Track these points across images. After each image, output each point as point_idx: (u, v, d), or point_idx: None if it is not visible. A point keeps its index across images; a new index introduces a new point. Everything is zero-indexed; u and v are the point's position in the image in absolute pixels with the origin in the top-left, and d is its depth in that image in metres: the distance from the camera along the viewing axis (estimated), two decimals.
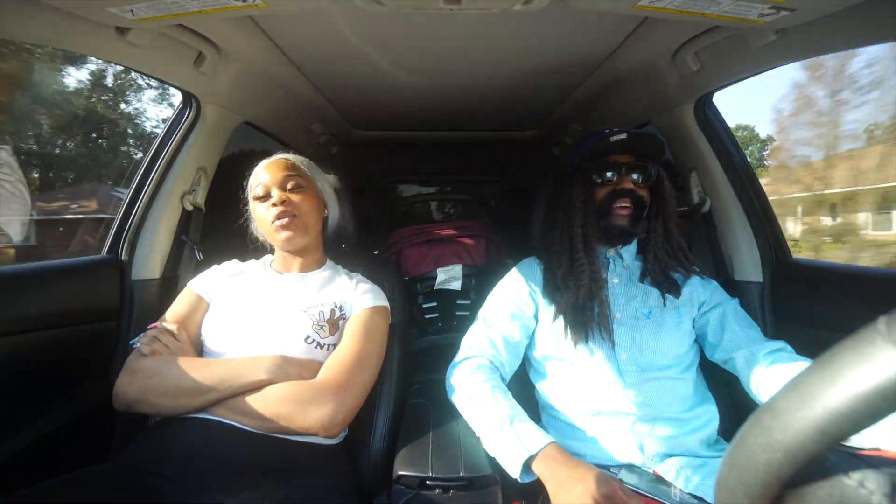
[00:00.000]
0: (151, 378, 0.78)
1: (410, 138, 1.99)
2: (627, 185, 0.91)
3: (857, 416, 0.26)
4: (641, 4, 0.74)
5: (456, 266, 1.60)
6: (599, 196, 0.93)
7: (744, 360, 0.86)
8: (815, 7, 0.71)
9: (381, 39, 1.03)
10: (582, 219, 0.93)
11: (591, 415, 0.87)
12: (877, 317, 0.27)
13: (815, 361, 0.29)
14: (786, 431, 0.29)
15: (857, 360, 0.26)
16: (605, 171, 0.92)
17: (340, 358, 0.84)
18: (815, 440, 0.27)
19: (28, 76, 11.33)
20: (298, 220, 0.92)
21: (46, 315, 0.92)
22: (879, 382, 0.25)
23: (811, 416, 0.28)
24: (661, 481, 0.78)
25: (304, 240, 0.95)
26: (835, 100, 11.44)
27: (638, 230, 0.93)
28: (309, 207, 0.95)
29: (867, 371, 0.26)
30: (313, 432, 0.75)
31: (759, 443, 0.31)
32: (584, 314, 0.88)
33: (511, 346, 0.95)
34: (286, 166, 0.96)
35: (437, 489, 0.76)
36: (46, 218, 10.57)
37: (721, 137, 1.15)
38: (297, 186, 0.94)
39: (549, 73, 1.24)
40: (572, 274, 0.92)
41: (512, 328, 0.95)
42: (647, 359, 0.88)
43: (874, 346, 0.26)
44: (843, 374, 0.27)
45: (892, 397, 0.25)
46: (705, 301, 0.94)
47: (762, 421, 0.31)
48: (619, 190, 0.91)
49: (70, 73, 14.15)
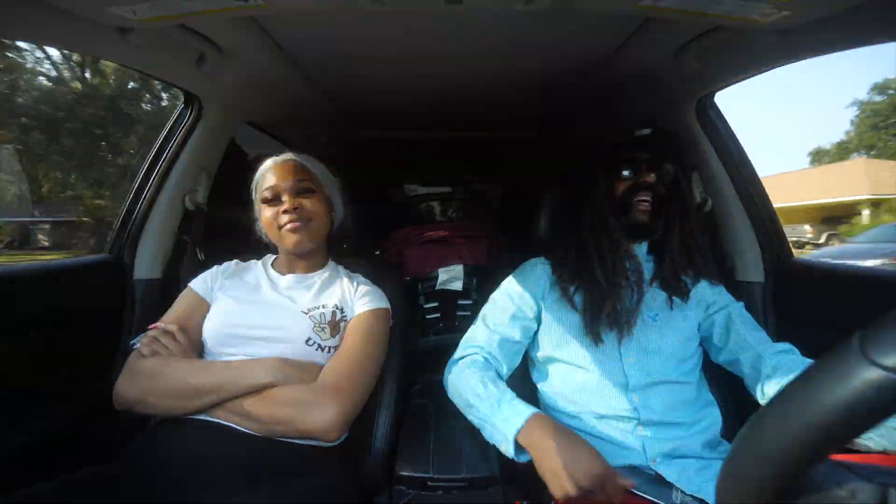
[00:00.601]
0: (152, 379, 0.77)
1: (412, 138, 1.99)
2: (649, 178, 0.91)
3: (835, 434, 0.27)
4: (643, 4, 0.73)
5: (457, 266, 1.61)
6: (620, 190, 0.92)
7: (749, 363, 0.86)
8: (817, 7, 0.70)
9: (383, 39, 1.03)
10: (605, 213, 0.92)
11: (595, 417, 0.86)
12: (875, 319, 0.27)
13: (795, 378, 0.30)
14: (772, 447, 0.29)
15: (832, 378, 0.27)
16: (627, 166, 0.92)
17: (341, 361, 0.84)
18: (798, 456, 0.28)
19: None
20: (309, 226, 0.92)
21: (48, 314, 0.92)
22: (852, 400, 0.26)
23: (793, 434, 0.28)
24: (662, 483, 0.78)
25: (312, 242, 0.95)
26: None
27: (658, 226, 0.91)
28: (320, 212, 0.94)
29: (841, 389, 0.26)
30: (314, 436, 0.75)
31: (750, 455, 0.31)
32: (602, 313, 0.87)
33: (509, 347, 0.94)
34: (296, 169, 0.94)
35: (438, 490, 0.76)
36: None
37: (722, 137, 1.14)
38: (307, 190, 0.93)
39: (551, 73, 1.24)
40: (602, 269, 0.89)
41: (512, 329, 0.95)
42: (653, 362, 0.87)
43: (848, 364, 0.26)
44: (819, 391, 0.27)
45: (865, 415, 0.25)
46: (712, 303, 0.93)
47: (752, 434, 0.32)
48: (641, 183, 0.90)
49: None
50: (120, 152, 14.66)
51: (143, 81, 14.02)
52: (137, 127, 14.38)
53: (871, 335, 0.26)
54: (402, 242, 1.68)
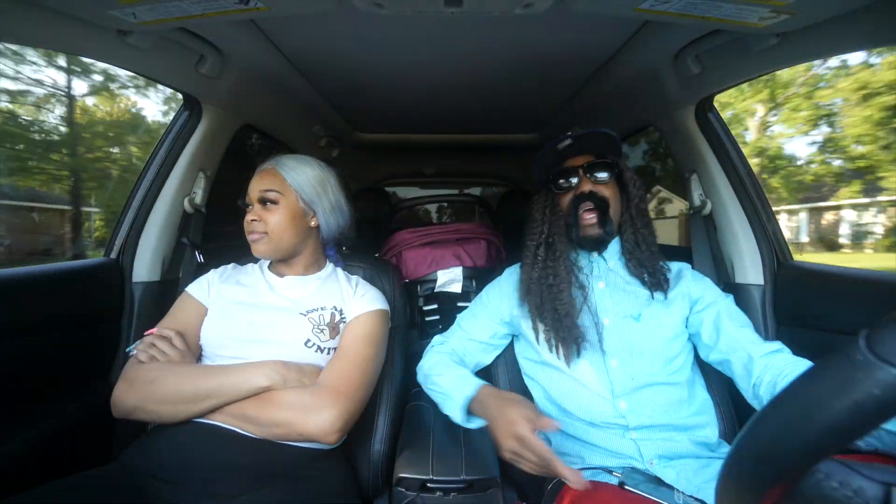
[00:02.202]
0: (149, 385, 0.77)
1: (412, 141, 2.00)
2: (587, 187, 0.91)
3: (840, 433, 0.27)
4: (642, 8, 0.74)
5: (456, 268, 1.60)
6: (564, 204, 0.94)
7: (741, 363, 0.83)
8: (816, 11, 0.71)
9: (382, 42, 1.03)
10: (546, 228, 0.95)
11: (587, 423, 0.86)
12: (876, 319, 0.27)
13: (799, 377, 0.30)
14: (775, 446, 0.29)
15: (837, 377, 0.27)
16: (564, 176, 0.94)
17: (341, 363, 0.84)
18: (802, 455, 0.28)
19: None
20: (267, 238, 0.91)
21: (48, 317, 0.92)
22: (858, 399, 0.26)
23: (797, 432, 0.28)
24: (662, 484, 0.78)
25: (276, 253, 0.94)
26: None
27: (610, 232, 0.91)
28: (279, 224, 0.92)
29: (847, 388, 0.26)
30: (313, 439, 0.75)
31: (751, 455, 0.31)
32: (567, 324, 0.87)
33: (476, 346, 1.02)
34: (265, 179, 0.93)
35: (437, 492, 0.76)
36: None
37: (722, 140, 1.15)
38: (269, 201, 0.92)
39: (550, 76, 1.24)
40: (546, 283, 0.92)
41: (481, 332, 1.02)
42: (639, 364, 0.85)
43: (853, 363, 0.26)
44: (824, 391, 0.27)
45: (872, 413, 0.25)
46: (699, 299, 0.91)
47: (753, 434, 0.32)
48: (580, 194, 0.92)
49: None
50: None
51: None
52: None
53: (877, 333, 0.26)
54: (401, 244, 1.68)
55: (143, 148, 8.17)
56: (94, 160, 7.50)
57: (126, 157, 7.91)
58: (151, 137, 7.91)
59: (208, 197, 1.24)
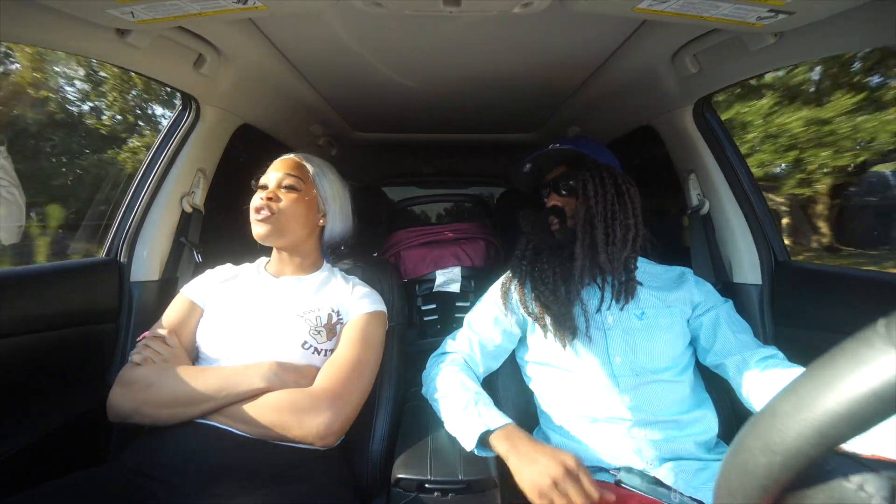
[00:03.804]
0: (146, 389, 0.76)
1: (410, 140, 1.99)
2: (552, 201, 0.99)
3: (856, 419, 0.26)
4: (641, 7, 0.74)
5: (455, 268, 1.60)
6: (542, 214, 0.99)
7: (735, 367, 0.86)
8: (814, 10, 0.71)
9: (381, 41, 1.03)
10: (532, 234, 0.98)
11: (588, 421, 0.86)
12: (875, 320, 0.27)
13: (815, 363, 0.29)
14: (784, 434, 0.28)
15: (857, 363, 0.26)
16: (541, 190, 1.03)
17: (337, 365, 0.83)
18: (814, 443, 0.27)
19: None
20: (275, 219, 0.90)
21: (45, 317, 0.91)
22: (878, 385, 0.25)
23: (810, 419, 0.27)
24: (660, 484, 0.78)
25: (279, 240, 0.93)
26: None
27: (564, 238, 0.94)
28: (292, 211, 0.92)
29: (866, 373, 0.25)
30: (309, 441, 0.75)
31: (757, 446, 0.30)
32: (565, 319, 0.88)
33: (489, 350, 0.98)
34: (291, 165, 0.96)
35: (435, 492, 0.76)
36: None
37: (720, 139, 1.15)
38: (289, 187, 0.93)
39: (548, 75, 1.24)
40: (542, 282, 0.93)
41: (493, 332, 0.98)
42: (642, 361, 0.87)
43: (873, 348, 0.26)
44: (842, 377, 0.27)
45: (891, 400, 0.25)
46: (700, 303, 0.93)
47: (761, 424, 0.31)
48: (549, 209, 0.98)
49: None
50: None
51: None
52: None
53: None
54: (399, 244, 1.68)
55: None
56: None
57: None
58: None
59: (207, 196, 1.24)
